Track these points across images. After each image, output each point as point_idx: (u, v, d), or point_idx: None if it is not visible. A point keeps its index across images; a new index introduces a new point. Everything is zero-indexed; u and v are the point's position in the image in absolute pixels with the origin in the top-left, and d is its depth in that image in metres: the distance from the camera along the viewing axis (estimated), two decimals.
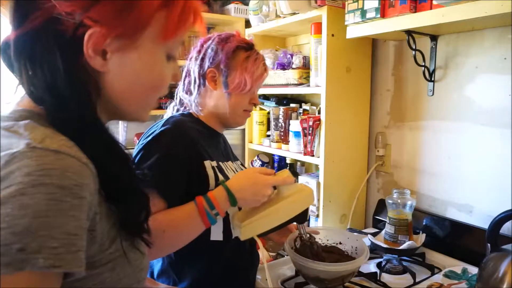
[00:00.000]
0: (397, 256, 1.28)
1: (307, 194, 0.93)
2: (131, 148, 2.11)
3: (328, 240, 1.19)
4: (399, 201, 1.31)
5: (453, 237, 1.34)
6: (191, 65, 1.03)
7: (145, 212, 0.59)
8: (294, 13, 1.64)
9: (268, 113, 1.97)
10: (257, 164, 2.03)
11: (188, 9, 0.55)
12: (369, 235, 1.37)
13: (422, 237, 1.31)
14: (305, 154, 1.65)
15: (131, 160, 0.61)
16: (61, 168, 0.43)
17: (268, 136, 1.99)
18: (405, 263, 1.26)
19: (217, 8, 2.42)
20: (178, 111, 1.09)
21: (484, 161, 1.30)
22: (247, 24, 2.19)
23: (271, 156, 2.09)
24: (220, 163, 0.99)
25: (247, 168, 0.94)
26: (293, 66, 1.76)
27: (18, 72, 0.51)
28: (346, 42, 1.50)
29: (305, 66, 1.73)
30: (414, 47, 1.33)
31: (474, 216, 1.34)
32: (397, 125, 1.61)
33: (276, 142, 1.87)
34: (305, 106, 1.86)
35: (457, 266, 1.21)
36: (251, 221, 0.86)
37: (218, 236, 0.95)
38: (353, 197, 1.68)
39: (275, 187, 0.89)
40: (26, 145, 0.43)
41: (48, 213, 0.41)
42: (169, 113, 1.08)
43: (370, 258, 1.29)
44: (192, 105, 1.03)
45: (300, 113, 1.83)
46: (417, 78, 1.49)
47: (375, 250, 1.32)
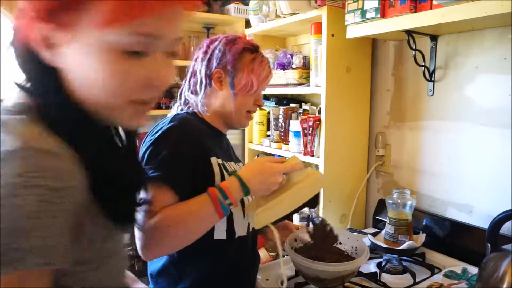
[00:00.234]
0: (397, 256, 1.28)
1: (316, 178, 0.94)
2: None
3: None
4: (399, 201, 1.31)
5: (453, 237, 1.34)
6: (197, 65, 1.04)
7: (133, 210, 0.61)
8: (294, 13, 1.64)
9: (268, 113, 1.97)
10: None
11: None
12: (369, 235, 1.37)
13: (422, 237, 1.31)
14: (305, 154, 1.65)
15: (131, 158, 0.61)
16: (53, 170, 0.44)
17: (268, 136, 1.99)
18: (405, 263, 1.26)
19: (217, 8, 2.42)
20: (182, 110, 1.10)
21: (484, 161, 1.30)
22: (247, 24, 2.19)
23: (271, 156, 2.09)
24: (224, 162, 1.00)
25: (256, 158, 0.95)
26: (293, 66, 1.76)
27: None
28: (346, 42, 1.50)
29: (305, 66, 1.73)
30: (414, 47, 1.33)
31: (474, 216, 1.34)
32: (397, 125, 1.61)
33: (276, 142, 1.87)
34: (305, 106, 1.86)
35: (457, 266, 1.21)
36: (264, 208, 0.88)
37: (222, 235, 0.95)
38: (353, 197, 1.68)
39: (285, 175, 0.91)
40: (18, 145, 0.43)
41: (39, 214, 0.42)
42: (173, 112, 1.08)
43: (370, 258, 1.29)
44: (198, 105, 1.03)
45: (300, 113, 1.83)
46: (417, 78, 1.49)
47: (375, 250, 1.32)
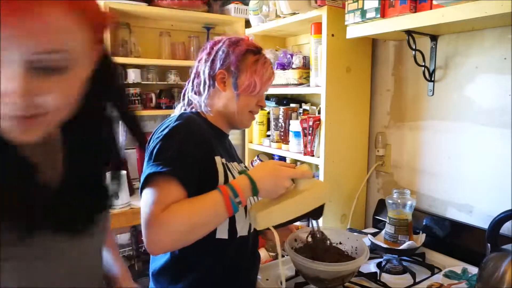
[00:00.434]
0: (397, 256, 1.28)
1: (324, 189, 0.95)
2: (132, 148, 2.11)
3: (330, 240, 1.19)
4: (399, 201, 1.31)
5: (453, 237, 1.34)
6: (200, 66, 1.05)
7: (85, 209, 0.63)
8: (294, 13, 1.64)
9: (268, 113, 1.97)
10: (257, 164, 2.03)
11: None
12: (369, 235, 1.37)
13: (422, 237, 1.31)
14: (305, 154, 1.65)
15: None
16: None
17: (268, 136, 1.99)
18: (405, 263, 1.26)
19: (217, 8, 2.42)
20: (185, 111, 1.10)
21: (484, 161, 1.30)
22: (247, 24, 2.19)
23: (271, 156, 2.09)
24: (228, 163, 1.01)
25: (267, 161, 0.96)
26: (293, 66, 1.76)
27: None
28: (346, 42, 1.50)
29: (305, 66, 1.73)
30: (414, 47, 1.33)
31: (474, 216, 1.34)
32: (397, 125, 1.61)
33: (276, 142, 1.87)
34: (305, 106, 1.86)
35: (457, 266, 1.21)
36: (268, 211, 0.88)
37: (224, 234, 0.96)
38: (353, 197, 1.68)
39: (293, 181, 0.91)
40: None
41: None
42: (177, 113, 1.09)
43: (370, 258, 1.29)
44: (202, 105, 1.04)
45: (300, 113, 1.83)
46: (417, 78, 1.49)
47: (375, 250, 1.32)
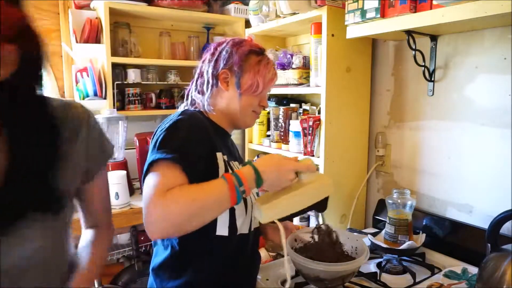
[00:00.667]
0: (397, 256, 1.28)
1: (328, 183, 0.95)
2: (132, 148, 2.11)
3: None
4: (399, 201, 1.31)
5: (453, 237, 1.34)
6: (204, 66, 1.06)
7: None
8: (294, 13, 1.64)
9: (268, 113, 1.97)
10: None
11: None
12: (369, 235, 1.37)
13: (422, 237, 1.31)
14: (305, 154, 1.65)
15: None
16: None
17: (268, 136, 1.99)
18: (405, 263, 1.26)
19: (217, 8, 2.42)
20: None
21: (484, 161, 1.30)
22: (247, 24, 2.19)
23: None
24: (229, 161, 1.01)
25: (271, 154, 0.97)
26: (293, 66, 1.76)
27: None
28: (346, 42, 1.50)
29: (305, 66, 1.73)
30: (414, 47, 1.33)
31: (474, 216, 1.34)
32: (397, 125, 1.61)
33: (276, 142, 1.87)
34: (305, 106, 1.86)
35: (457, 266, 1.21)
36: (273, 204, 0.88)
37: (224, 231, 0.96)
38: (353, 197, 1.68)
39: (296, 174, 0.92)
40: None
41: None
42: (179, 113, 1.09)
43: (370, 258, 1.29)
44: (205, 104, 1.05)
45: (300, 113, 1.83)
46: (417, 78, 1.49)
47: (375, 250, 1.32)
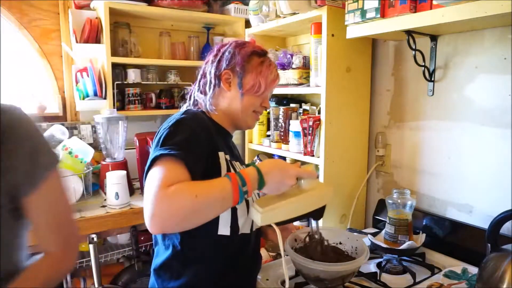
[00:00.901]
0: (397, 256, 1.28)
1: (327, 191, 0.97)
2: (132, 148, 2.11)
3: (328, 240, 1.19)
4: (399, 201, 1.31)
5: (453, 237, 1.34)
6: (207, 67, 1.08)
7: None
8: (294, 13, 1.64)
9: (268, 113, 1.97)
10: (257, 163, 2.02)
11: None
12: (369, 235, 1.37)
13: (422, 237, 1.31)
14: (305, 154, 1.65)
15: None
16: None
17: (268, 136, 1.99)
18: (405, 263, 1.26)
19: (217, 8, 2.42)
20: None
21: (484, 161, 1.30)
22: (247, 24, 2.19)
23: (271, 156, 2.08)
24: (231, 160, 1.02)
25: (274, 158, 0.97)
26: (293, 66, 1.76)
27: None
28: (346, 42, 1.50)
29: (305, 66, 1.73)
30: (414, 47, 1.33)
31: (474, 216, 1.34)
32: (397, 125, 1.61)
33: (276, 142, 1.87)
34: (305, 106, 1.86)
35: (457, 266, 1.21)
36: (272, 208, 0.89)
37: (226, 230, 0.96)
38: (353, 197, 1.68)
39: (297, 180, 0.93)
40: None
41: None
42: (182, 112, 1.10)
43: (370, 258, 1.29)
44: (207, 104, 1.06)
45: (300, 113, 1.83)
46: (417, 78, 1.49)
47: (375, 250, 1.32)
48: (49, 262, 0.77)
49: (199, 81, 1.09)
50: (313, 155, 1.62)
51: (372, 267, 1.28)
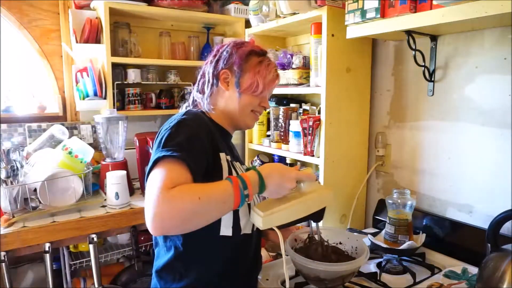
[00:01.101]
0: (397, 256, 1.28)
1: (327, 193, 0.97)
2: (132, 148, 2.11)
3: (328, 240, 1.19)
4: (399, 201, 1.31)
5: (453, 237, 1.34)
6: (206, 67, 1.08)
7: None
8: (294, 13, 1.64)
9: (268, 113, 1.97)
10: (257, 164, 2.03)
11: None
12: (369, 235, 1.37)
13: (422, 237, 1.31)
14: (305, 154, 1.65)
15: None
16: None
17: (268, 136, 1.99)
18: (405, 263, 1.26)
19: (217, 8, 2.42)
20: None
21: (484, 161, 1.30)
22: (247, 24, 2.19)
23: (271, 156, 2.09)
24: (232, 161, 1.02)
25: (270, 163, 0.98)
26: (293, 66, 1.76)
27: None
28: (346, 42, 1.50)
29: (305, 66, 1.73)
30: (414, 47, 1.33)
31: (474, 216, 1.34)
32: (397, 125, 1.61)
33: (276, 142, 1.87)
34: (305, 106, 1.86)
35: (457, 266, 1.21)
36: (273, 211, 0.90)
37: (228, 231, 0.96)
38: (353, 197, 1.68)
39: (297, 183, 0.94)
40: None
41: None
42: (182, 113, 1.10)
43: (370, 258, 1.29)
44: (205, 103, 1.06)
45: (300, 113, 1.83)
46: (417, 78, 1.49)
47: (375, 250, 1.32)
48: None
49: (199, 81, 1.09)
50: (313, 155, 1.62)
51: (372, 267, 1.28)
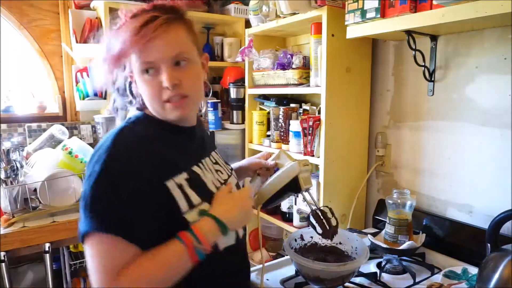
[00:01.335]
0: (397, 256, 1.28)
1: (290, 165, 1.05)
2: None
3: (328, 240, 1.19)
4: (399, 201, 1.31)
5: (453, 237, 1.34)
6: None
7: None
8: (294, 13, 1.64)
9: (268, 113, 1.97)
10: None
11: None
12: (369, 235, 1.37)
13: (422, 237, 1.31)
14: (305, 154, 1.65)
15: None
16: None
17: (268, 136, 1.99)
18: (405, 263, 1.26)
19: (217, 8, 2.42)
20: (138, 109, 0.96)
21: (484, 161, 1.30)
22: (247, 24, 2.19)
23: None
24: (193, 168, 0.88)
25: (217, 193, 0.88)
26: (293, 66, 1.76)
27: None
28: (346, 42, 1.50)
29: (305, 66, 1.73)
30: (414, 47, 1.33)
31: (474, 216, 1.34)
32: (397, 125, 1.61)
33: (276, 142, 1.87)
34: (305, 106, 1.86)
35: (457, 266, 1.21)
36: (257, 192, 1.08)
37: (231, 241, 0.90)
38: (353, 197, 1.68)
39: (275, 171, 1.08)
40: None
41: None
42: (132, 113, 0.97)
43: (370, 258, 1.29)
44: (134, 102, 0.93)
45: (300, 113, 1.83)
46: (417, 78, 1.49)
47: (375, 250, 1.32)
48: None
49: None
50: (313, 155, 1.62)
51: (372, 267, 1.28)
